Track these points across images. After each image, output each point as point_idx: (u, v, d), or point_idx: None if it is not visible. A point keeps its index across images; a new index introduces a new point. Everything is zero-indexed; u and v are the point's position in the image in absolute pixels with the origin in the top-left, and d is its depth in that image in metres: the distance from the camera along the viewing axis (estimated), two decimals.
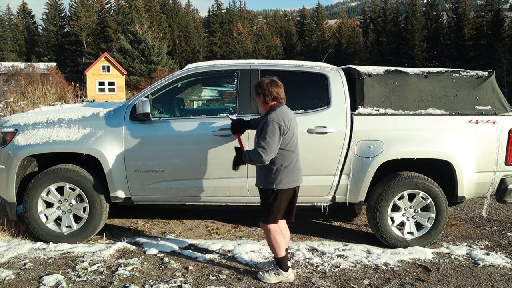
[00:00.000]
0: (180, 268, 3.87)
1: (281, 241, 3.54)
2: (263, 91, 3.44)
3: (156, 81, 4.73)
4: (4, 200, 4.48)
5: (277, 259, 3.61)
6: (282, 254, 3.58)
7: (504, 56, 47.13)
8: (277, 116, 3.35)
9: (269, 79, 3.49)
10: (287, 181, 3.43)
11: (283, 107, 3.47)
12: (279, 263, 3.61)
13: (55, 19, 72.46)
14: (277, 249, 3.55)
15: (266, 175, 3.46)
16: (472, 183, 4.34)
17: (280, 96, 3.47)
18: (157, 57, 50.16)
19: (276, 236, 3.52)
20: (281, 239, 3.54)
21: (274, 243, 3.52)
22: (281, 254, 3.58)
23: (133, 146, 4.31)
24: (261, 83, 3.48)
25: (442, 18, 68.98)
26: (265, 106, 3.49)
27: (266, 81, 3.48)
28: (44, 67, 46.90)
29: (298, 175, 3.53)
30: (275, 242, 3.52)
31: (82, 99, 17.04)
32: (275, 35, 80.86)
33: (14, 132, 4.40)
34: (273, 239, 3.52)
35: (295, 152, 3.49)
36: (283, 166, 3.42)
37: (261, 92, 3.46)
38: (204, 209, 5.30)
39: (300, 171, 3.57)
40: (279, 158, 3.40)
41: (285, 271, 3.60)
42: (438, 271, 3.86)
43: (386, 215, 4.32)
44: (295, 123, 3.49)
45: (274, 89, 3.44)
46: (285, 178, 3.42)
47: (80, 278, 3.62)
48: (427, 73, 4.44)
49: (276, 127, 3.31)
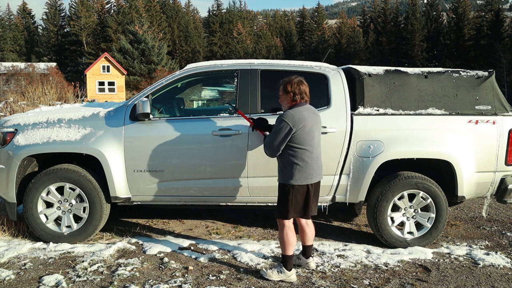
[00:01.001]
0: (180, 268, 3.87)
1: (292, 239, 3.58)
2: (293, 89, 3.53)
3: (156, 81, 4.73)
4: (4, 200, 4.48)
5: (284, 256, 3.63)
6: (290, 253, 3.61)
7: (504, 56, 47.11)
8: (290, 115, 3.45)
9: (298, 78, 3.59)
10: (299, 177, 3.48)
11: (301, 106, 3.53)
12: (284, 261, 3.63)
13: (55, 19, 72.45)
14: (287, 246, 3.58)
15: (283, 170, 3.56)
16: (472, 183, 4.34)
17: (307, 95, 3.60)
18: (157, 57, 50.15)
19: (288, 232, 3.56)
20: (292, 237, 3.58)
21: (285, 239, 3.56)
22: (289, 252, 3.60)
23: (133, 146, 4.31)
24: (291, 82, 3.55)
25: (442, 18, 68.96)
26: (291, 104, 3.58)
27: (295, 80, 3.57)
28: (44, 67, 46.93)
29: (313, 172, 3.54)
30: (286, 238, 3.56)
31: (82, 99, 17.03)
32: (275, 35, 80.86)
33: (14, 132, 4.39)
34: (285, 235, 3.56)
35: (309, 150, 3.50)
36: (296, 162, 3.48)
37: (291, 90, 3.54)
38: (204, 209, 5.30)
39: (317, 169, 3.59)
40: (292, 154, 3.48)
41: (288, 270, 3.62)
42: (438, 271, 3.86)
43: (386, 215, 4.32)
44: (313, 122, 3.54)
45: (303, 87, 3.56)
46: (297, 174, 3.47)
47: (80, 278, 3.62)
48: (427, 73, 4.44)
49: (284, 125, 3.41)
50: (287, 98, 3.58)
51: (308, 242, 3.80)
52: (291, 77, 3.61)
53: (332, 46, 67.88)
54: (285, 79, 3.62)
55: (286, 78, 3.62)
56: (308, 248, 3.84)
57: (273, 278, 3.60)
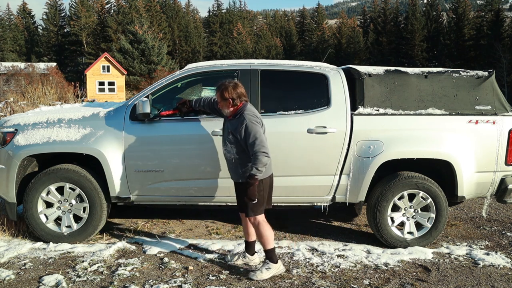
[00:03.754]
0: (180, 268, 3.87)
1: (270, 232, 3.65)
2: (231, 95, 3.51)
3: (156, 81, 4.73)
4: (4, 200, 4.48)
5: (267, 251, 3.67)
6: (272, 246, 3.67)
7: (504, 56, 47.10)
8: (251, 114, 3.49)
9: (232, 83, 3.55)
10: (265, 170, 3.53)
11: (249, 104, 3.60)
12: (269, 255, 3.67)
13: (55, 19, 72.44)
14: (268, 240, 3.63)
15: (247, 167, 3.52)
16: (472, 183, 4.34)
17: (246, 96, 3.60)
18: (157, 57, 50.14)
19: (266, 226, 3.63)
20: (270, 230, 3.65)
21: (265, 234, 3.62)
22: (271, 246, 3.66)
23: (133, 146, 4.31)
24: (227, 89, 3.51)
25: (442, 18, 68.95)
26: (234, 109, 3.56)
27: (230, 85, 3.53)
28: (44, 67, 46.93)
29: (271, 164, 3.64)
30: (265, 233, 3.62)
31: (82, 99, 17.03)
32: (275, 35, 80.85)
33: (14, 132, 4.39)
34: (263, 230, 3.61)
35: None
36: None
37: (229, 97, 3.51)
38: (204, 209, 5.30)
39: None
40: None
41: (275, 263, 3.66)
42: (438, 271, 3.86)
43: (386, 215, 4.32)
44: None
45: (240, 90, 3.54)
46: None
47: (80, 278, 3.62)
48: (427, 73, 4.44)
49: (256, 124, 3.46)
50: (227, 104, 3.54)
51: (253, 238, 3.90)
52: (225, 83, 3.55)
53: (332, 46, 67.87)
54: (220, 85, 3.57)
55: (220, 84, 3.58)
56: (253, 244, 3.94)
57: (265, 277, 3.62)
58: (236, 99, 3.52)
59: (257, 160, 3.38)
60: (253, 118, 3.48)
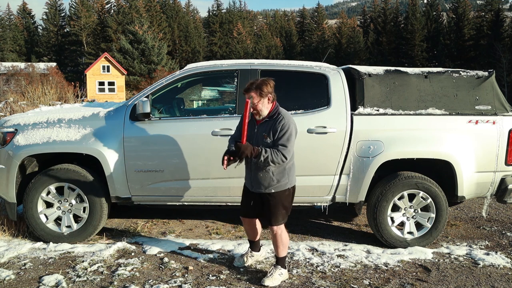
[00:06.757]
0: (180, 268, 3.87)
1: (288, 240, 3.65)
2: (271, 90, 3.36)
3: (156, 81, 4.73)
4: (4, 200, 4.48)
5: (282, 258, 3.64)
6: (286, 252, 3.68)
7: (504, 56, 47.10)
8: (291, 118, 3.39)
9: (268, 79, 3.41)
10: (293, 177, 3.54)
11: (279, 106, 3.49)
12: (282, 261, 3.65)
13: (55, 19, 72.44)
14: (286, 248, 3.64)
15: (280, 177, 3.42)
16: (472, 183, 4.34)
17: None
18: (157, 57, 50.15)
19: (286, 234, 3.63)
20: (288, 237, 3.66)
21: (286, 241, 3.61)
22: (286, 253, 3.66)
23: (133, 146, 4.31)
24: (267, 84, 3.34)
25: (442, 18, 68.96)
26: (269, 106, 3.40)
27: (268, 80, 3.38)
28: (44, 67, 46.96)
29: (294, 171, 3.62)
30: (286, 240, 3.61)
31: (82, 99, 17.02)
32: (275, 35, 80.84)
33: (14, 132, 4.39)
34: (285, 237, 3.60)
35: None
36: (292, 163, 3.51)
37: (269, 92, 3.34)
38: (204, 209, 5.30)
39: None
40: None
41: (285, 269, 3.67)
42: (438, 271, 3.86)
43: (386, 215, 4.32)
44: None
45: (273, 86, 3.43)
46: (292, 174, 3.53)
47: (80, 278, 3.62)
48: (427, 73, 4.44)
49: (293, 129, 3.36)
50: (265, 101, 3.35)
51: (259, 237, 3.92)
52: (263, 80, 3.39)
53: (332, 46, 67.81)
54: (254, 83, 3.37)
55: (253, 82, 3.40)
56: (258, 241, 3.95)
57: (277, 283, 3.56)
58: (273, 94, 3.39)
59: (276, 155, 3.26)
60: (293, 120, 3.37)
